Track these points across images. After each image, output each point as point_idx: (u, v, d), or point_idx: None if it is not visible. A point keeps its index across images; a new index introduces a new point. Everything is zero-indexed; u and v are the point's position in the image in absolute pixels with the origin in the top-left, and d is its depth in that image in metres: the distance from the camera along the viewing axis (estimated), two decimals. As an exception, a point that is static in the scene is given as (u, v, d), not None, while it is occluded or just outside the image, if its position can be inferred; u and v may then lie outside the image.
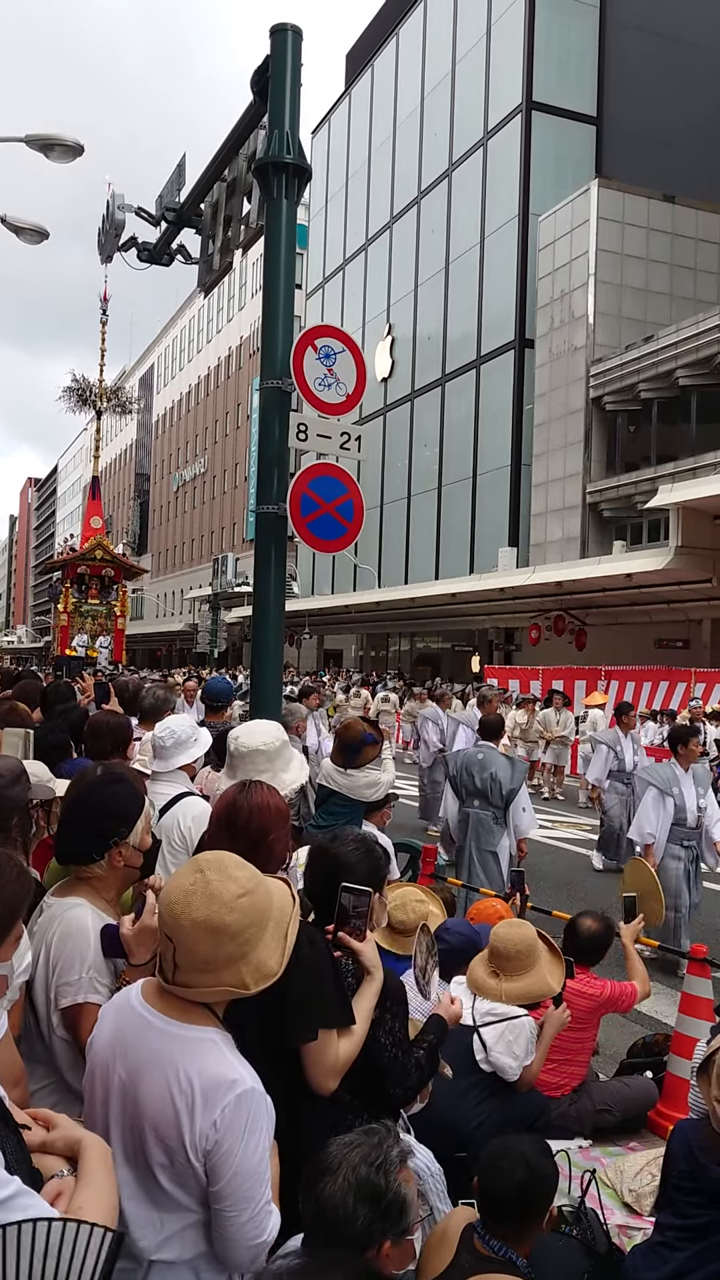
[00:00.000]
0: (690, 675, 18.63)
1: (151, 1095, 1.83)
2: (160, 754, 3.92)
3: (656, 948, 5.70)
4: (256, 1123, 1.83)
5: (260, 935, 1.90)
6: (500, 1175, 2.44)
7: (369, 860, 2.69)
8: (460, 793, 7.29)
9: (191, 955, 1.85)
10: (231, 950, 1.86)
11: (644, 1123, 4.46)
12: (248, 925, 1.88)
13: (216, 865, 1.93)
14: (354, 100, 45.16)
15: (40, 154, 10.52)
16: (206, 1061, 1.84)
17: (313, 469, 5.35)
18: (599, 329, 27.83)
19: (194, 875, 1.90)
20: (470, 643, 35.06)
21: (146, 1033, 1.89)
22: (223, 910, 1.85)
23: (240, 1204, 1.81)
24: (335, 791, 4.58)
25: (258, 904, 1.91)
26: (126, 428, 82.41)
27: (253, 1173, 1.82)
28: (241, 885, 1.90)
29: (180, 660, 55.93)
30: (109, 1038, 1.95)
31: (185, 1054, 1.84)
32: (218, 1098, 1.80)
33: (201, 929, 1.84)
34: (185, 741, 3.98)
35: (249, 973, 1.88)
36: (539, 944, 3.81)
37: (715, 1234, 2.68)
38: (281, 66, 5.37)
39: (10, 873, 1.75)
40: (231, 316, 58.33)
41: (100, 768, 2.71)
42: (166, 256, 7.46)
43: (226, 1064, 1.85)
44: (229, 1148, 1.79)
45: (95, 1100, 1.96)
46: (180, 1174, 1.83)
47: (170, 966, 1.89)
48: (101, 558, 25.38)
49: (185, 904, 1.85)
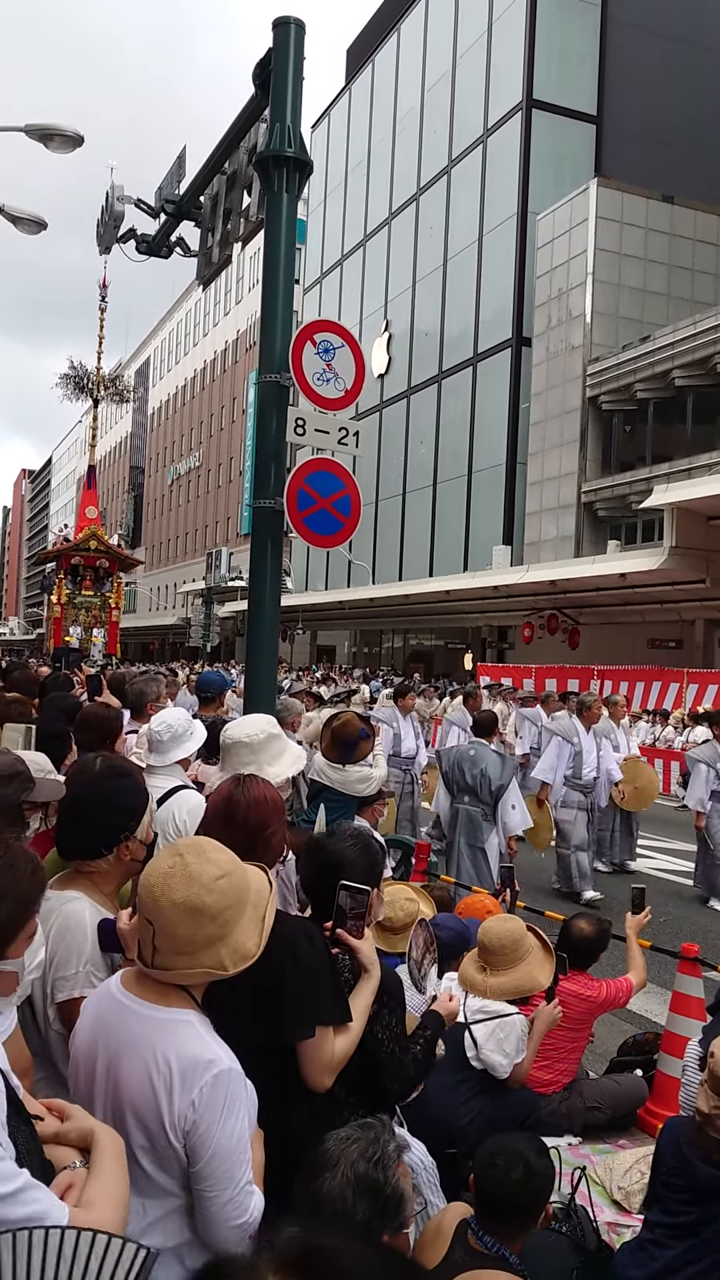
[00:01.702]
0: (683, 676, 18.66)
1: (131, 1078, 1.85)
2: (158, 748, 3.92)
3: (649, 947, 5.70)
4: (234, 1103, 1.84)
5: (238, 917, 1.92)
6: (498, 1173, 2.45)
7: (367, 856, 2.69)
8: (451, 789, 7.32)
9: (171, 937, 1.87)
10: (211, 931, 1.88)
11: (634, 1120, 4.46)
12: (226, 906, 1.89)
13: (194, 849, 1.96)
14: (354, 95, 45.09)
15: (40, 144, 10.47)
16: (183, 1042, 1.85)
17: (310, 464, 5.34)
18: (596, 328, 27.84)
19: (172, 859, 1.93)
20: (463, 640, 35.09)
21: (125, 1017, 1.91)
22: (202, 891, 1.87)
23: (220, 1184, 1.82)
24: (327, 786, 4.59)
25: (236, 885, 1.93)
26: (121, 420, 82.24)
27: (232, 1152, 1.83)
28: (220, 867, 1.93)
29: (173, 654, 55.87)
30: (90, 1026, 1.98)
31: (162, 1036, 1.86)
32: (195, 1078, 1.82)
33: (181, 910, 1.86)
34: (182, 736, 3.97)
35: (228, 954, 1.90)
36: (528, 938, 3.81)
37: (704, 1231, 2.69)
38: (284, 60, 5.36)
39: (24, 869, 1.75)
40: (229, 310, 58.23)
41: (100, 760, 2.70)
42: (165, 249, 7.43)
43: (203, 1044, 1.86)
44: (207, 1127, 1.81)
45: (79, 1088, 1.98)
46: (161, 1156, 1.84)
47: (150, 950, 1.90)
48: (96, 549, 25.18)
49: (165, 886, 1.88)
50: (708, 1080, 2.67)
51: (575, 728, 9.54)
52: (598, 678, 20.06)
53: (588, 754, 9.43)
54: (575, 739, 9.41)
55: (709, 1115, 2.62)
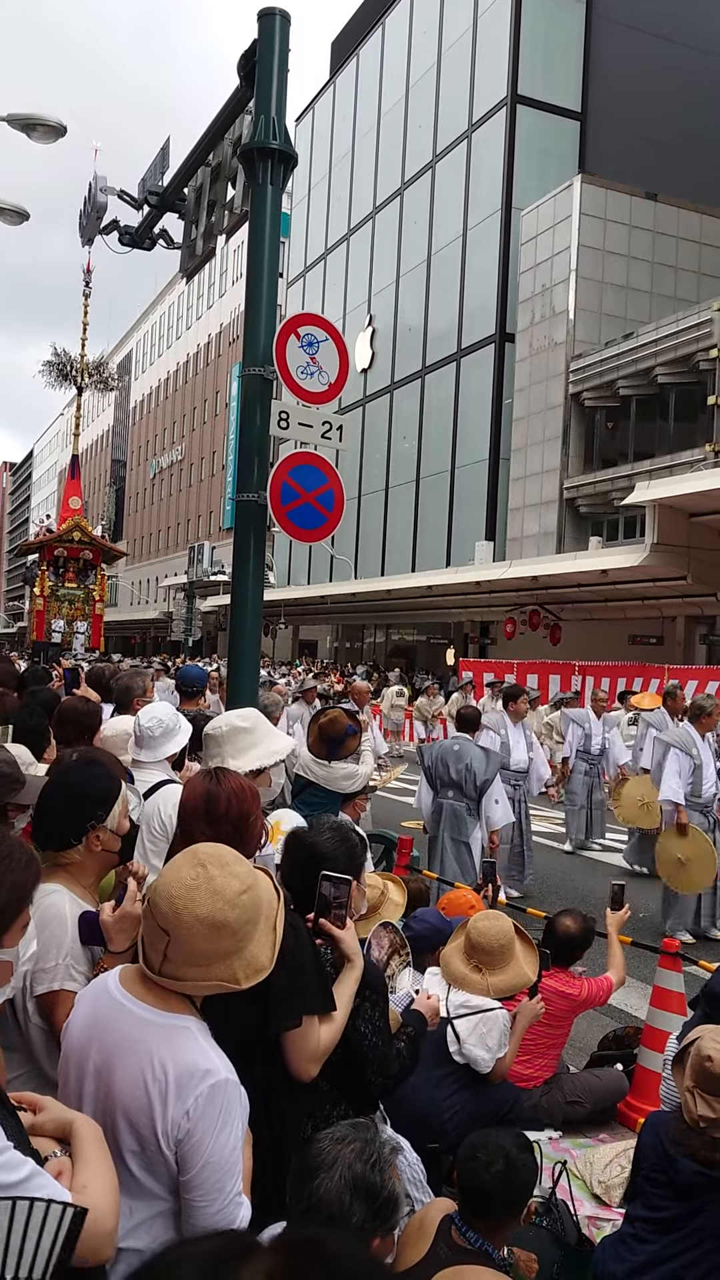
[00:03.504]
0: (663, 671, 18.73)
1: (125, 1081, 1.83)
2: (148, 744, 3.91)
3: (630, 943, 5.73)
4: (229, 1114, 1.82)
5: (254, 931, 1.91)
6: (479, 1166, 2.45)
7: (346, 848, 2.69)
8: (435, 783, 7.33)
9: (188, 950, 1.84)
10: (229, 946, 1.86)
11: (614, 1115, 4.48)
12: (246, 921, 1.88)
13: (218, 860, 1.92)
14: (338, 89, 44.94)
15: (22, 134, 10.39)
16: (182, 1050, 1.83)
17: (293, 457, 5.32)
18: (579, 325, 27.88)
19: (196, 869, 1.88)
20: (446, 635, 35.12)
21: (122, 1019, 1.88)
22: (226, 907, 1.85)
23: (210, 1194, 1.81)
24: (312, 782, 4.58)
25: (256, 900, 1.92)
26: (104, 414, 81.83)
27: (223, 1164, 1.81)
28: (244, 881, 1.90)
29: (154, 649, 55.71)
30: (84, 1023, 1.95)
31: (161, 1041, 1.84)
32: (191, 1087, 1.79)
33: (204, 925, 1.83)
34: (172, 730, 3.97)
35: (241, 968, 1.88)
36: (515, 935, 3.83)
37: (684, 1226, 2.71)
38: (269, 51, 5.34)
39: (20, 859, 1.75)
40: (212, 303, 58.00)
41: (75, 752, 2.69)
42: (148, 240, 7.40)
43: (201, 1053, 1.84)
44: (200, 1138, 1.79)
45: (69, 1085, 1.95)
46: (151, 1162, 1.82)
47: (159, 958, 1.87)
48: (79, 540, 24.71)
49: (189, 899, 1.84)
50: (700, 1084, 2.66)
51: (693, 738, 7.93)
52: (579, 673, 20.13)
53: (707, 766, 7.87)
54: (694, 750, 7.85)
55: (717, 1119, 2.62)
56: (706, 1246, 2.65)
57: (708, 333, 23.12)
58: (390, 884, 4.04)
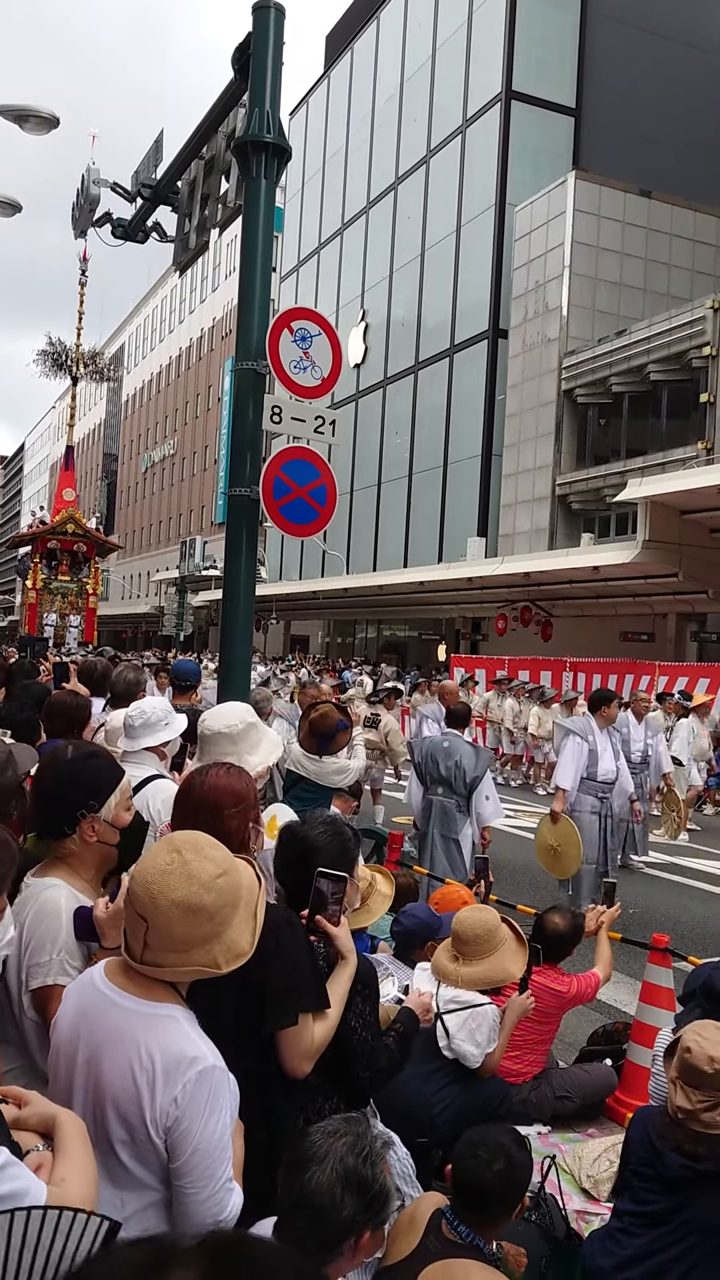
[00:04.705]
0: (654, 668, 18.77)
1: (113, 1072, 1.84)
2: (128, 733, 3.91)
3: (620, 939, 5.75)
4: (217, 1100, 1.83)
5: (233, 915, 1.91)
6: (480, 1164, 2.46)
7: (339, 842, 2.69)
8: (425, 780, 7.34)
9: (166, 935, 1.85)
10: (207, 930, 1.86)
11: (602, 1110, 4.50)
12: (223, 905, 1.88)
13: (192, 845, 1.94)
14: (333, 83, 44.83)
15: (14, 125, 10.34)
16: (168, 1038, 1.84)
17: (286, 452, 5.32)
18: (572, 321, 27.90)
19: (170, 855, 1.90)
20: (437, 631, 35.16)
21: (108, 1010, 1.89)
22: (201, 891, 1.85)
23: (200, 1181, 1.82)
24: (303, 777, 4.59)
25: (233, 884, 1.92)
26: (96, 406, 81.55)
27: (213, 1150, 1.82)
28: (219, 865, 1.91)
29: (146, 643, 55.62)
30: (72, 1016, 1.96)
31: (147, 1030, 1.85)
32: (178, 1074, 1.80)
33: (180, 909, 1.84)
34: (154, 724, 3.95)
35: (221, 952, 1.88)
36: (501, 929, 3.82)
37: (671, 1220, 2.72)
38: (263, 44, 5.32)
39: None
40: (205, 297, 57.85)
41: (72, 745, 2.68)
42: (142, 233, 7.36)
43: (188, 1040, 1.85)
44: (189, 1125, 1.80)
45: (59, 1079, 1.96)
46: (141, 1151, 1.83)
47: (140, 946, 1.88)
48: (73, 532, 24.40)
49: (163, 884, 1.85)
50: (681, 1075, 2.68)
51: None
52: (570, 670, 20.15)
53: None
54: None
55: (694, 1111, 2.64)
56: (693, 1240, 2.67)
57: (700, 330, 23.17)
58: (378, 876, 4.05)
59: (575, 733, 7.86)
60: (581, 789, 7.72)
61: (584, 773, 7.72)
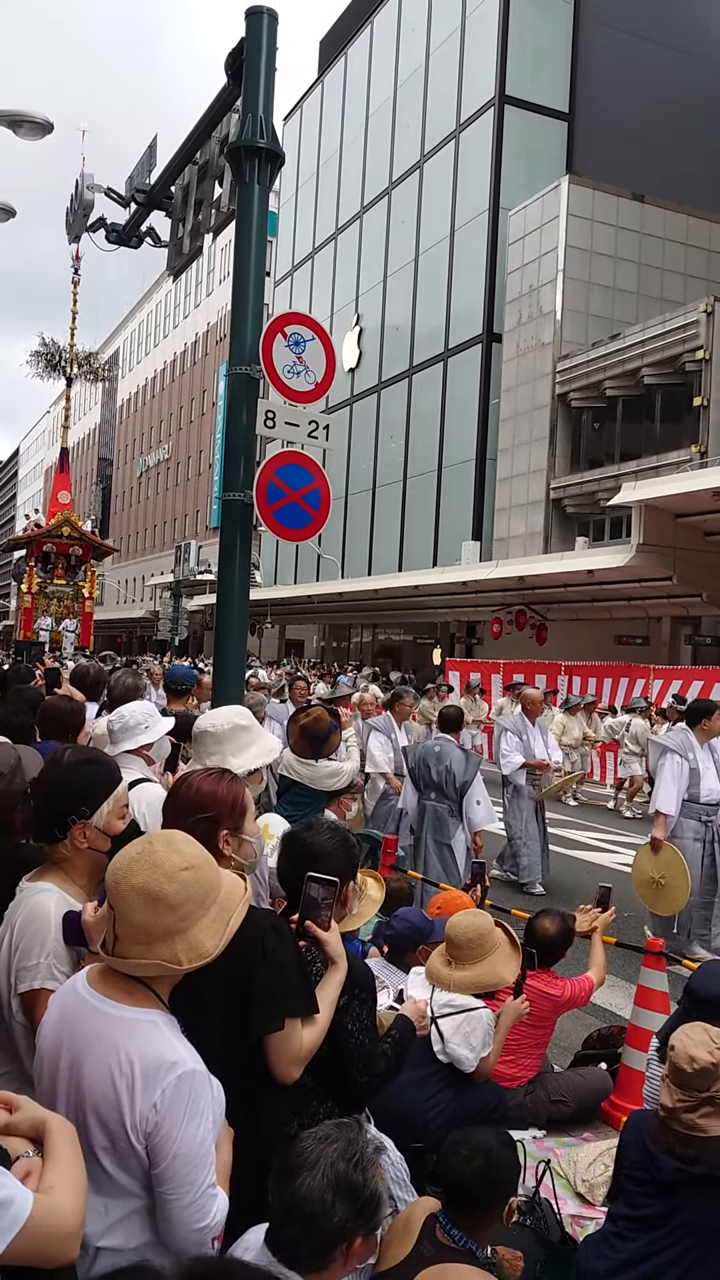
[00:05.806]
0: (649, 672, 18.79)
1: (93, 1077, 1.83)
2: (112, 738, 3.92)
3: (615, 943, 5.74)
4: (198, 1104, 1.83)
5: (200, 915, 1.90)
6: (462, 1163, 2.46)
7: (344, 849, 2.70)
8: (418, 784, 7.35)
9: (128, 923, 1.86)
10: (168, 922, 1.86)
11: (598, 1114, 4.49)
12: (186, 899, 1.88)
13: (165, 838, 1.97)
14: (326, 88, 44.89)
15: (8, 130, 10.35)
16: (147, 1043, 1.84)
17: (280, 456, 5.32)
18: (566, 325, 27.95)
19: (143, 845, 1.94)
20: (432, 635, 35.14)
21: (89, 1015, 1.89)
22: (162, 879, 1.86)
23: (182, 1186, 1.81)
24: (296, 782, 4.58)
25: (201, 881, 1.91)
26: (91, 411, 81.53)
27: (194, 1155, 1.81)
28: (186, 859, 1.92)
29: (140, 648, 55.57)
30: (55, 1022, 1.96)
31: (126, 1035, 1.85)
32: (158, 1079, 1.80)
33: (139, 895, 1.85)
34: (132, 727, 3.95)
35: (184, 950, 1.88)
36: (495, 933, 3.82)
37: (666, 1224, 2.72)
38: (256, 50, 5.33)
39: None
40: (199, 303, 57.88)
41: (70, 749, 2.68)
42: (135, 238, 7.37)
43: (167, 1045, 1.85)
44: (169, 1130, 1.79)
45: (43, 1085, 1.96)
46: (122, 1157, 1.82)
47: (111, 938, 1.90)
48: (69, 535, 24.24)
49: (128, 870, 1.88)
50: (669, 1074, 2.69)
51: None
52: (565, 673, 20.17)
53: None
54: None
55: (674, 1109, 2.65)
56: (688, 1243, 2.67)
57: (694, 334, 23.23)
58: (369, 880, 4.05)
59: (674, 750, 7.13)
60: (683, 812, 7.03)
61: (685, 794, 7.01)
